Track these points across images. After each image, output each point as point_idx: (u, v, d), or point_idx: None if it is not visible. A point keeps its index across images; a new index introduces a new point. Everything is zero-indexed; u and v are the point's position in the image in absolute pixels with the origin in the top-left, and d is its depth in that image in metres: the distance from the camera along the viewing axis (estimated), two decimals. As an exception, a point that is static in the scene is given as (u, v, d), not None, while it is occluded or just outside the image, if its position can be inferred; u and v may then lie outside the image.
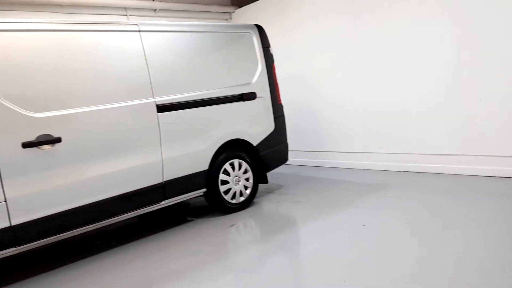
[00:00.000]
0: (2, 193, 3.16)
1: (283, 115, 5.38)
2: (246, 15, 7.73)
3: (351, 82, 6.23)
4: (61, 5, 5.77)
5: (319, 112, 6.78)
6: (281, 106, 5.35)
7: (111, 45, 3.86)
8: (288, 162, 7.04)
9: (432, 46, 5.24)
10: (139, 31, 4.08)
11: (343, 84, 6.34)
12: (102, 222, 3.78)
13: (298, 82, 7.00)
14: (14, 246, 3.27)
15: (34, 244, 3.41)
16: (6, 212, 3.18)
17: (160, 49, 4.19)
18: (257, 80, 5.03)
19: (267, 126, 5.11)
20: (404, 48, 5.52)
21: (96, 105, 3.69)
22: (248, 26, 5.13)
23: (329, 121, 6.66)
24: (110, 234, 4.55)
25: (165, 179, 4.12)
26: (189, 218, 4.79)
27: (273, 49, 7.16)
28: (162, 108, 4.10)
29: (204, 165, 4.45)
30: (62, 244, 4.38)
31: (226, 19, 7.98)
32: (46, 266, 3.76)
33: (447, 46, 5.10)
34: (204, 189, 4.53)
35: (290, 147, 7.02)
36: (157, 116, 4.06)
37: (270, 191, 5.57)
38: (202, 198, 4.94)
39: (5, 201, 3.17)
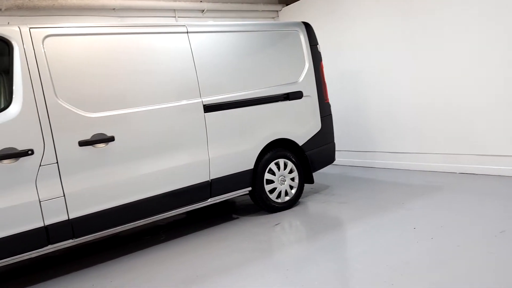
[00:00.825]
0: (61, 188, 3.36)
1: (330, 114, 5.28)
2: (293, 13, 7.69)
3: (403, 80, 6.00)
4: (114, 9, 6.05)
5: (368, 111, 6.60)
6: (328, 105, 5.26)
7: (160, 47, 3.99)
8: (335, 162, 6.92)
9: (491, 40, 4.91)
10: (187, 32, 4.18)
11: (394, 83, 6.13)
12: (152, 218, 3.92)
13: (346, 80, 6.85)
14: (71, 238, 3.47)
15: (90, 237, 3.60)
16: (65, 206, 3.39)
17: (207, 50, 4.27)
18: (304, 79, 4.98)
19: (314, 126, 5.05)
20: (460, 43, 5.23)
21: (147, 106, 3.83)
22: (295, 24, 5.09)
23: (378, 121, 6.46)
24: (159, 229, 4.71)
25: (211, 177, 4.19)
26: (234, 216, 4.85)
27: (321, 47, 7.06)
28: (208, 108, 4.18)
29: (249, 164, 4.48)
30: (114, 238, 4.60)
31: (273, 18, 7.98)
32: (99, 258, 3.96)
33: (505, 40, 4.77)
34: (250, 188, 4.56)
35: (337, 147, 6.89)
36: (204, 116, 4.15)
37: (316, 191, 5.50)
38: (248, 197, 4.99)
39: (64, 196, 3.38)
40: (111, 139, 3.59)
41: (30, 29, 3.38)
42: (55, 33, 3.48)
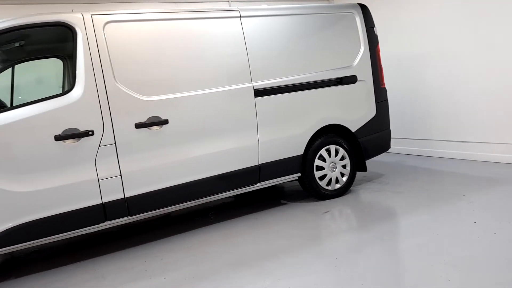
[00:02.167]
0: (118, 168, 3.53)
1: (386, 100, 5.07)
2: (349, -5, 7.40)
3: (467, 65, 5.60)
4: (169, -6, 6.17)
5: (427, 98, 6.25)
6: (384, 90, 5.05)
7: (213, 31, 4.01)
8: (390, 150, 6.65)
9: None
10: (240, 16, 4.16)
11: (457, 68, 5.73)
12: (202, 199, 4.01)
13: (405, 64, 6.53)
14: (126, 216, 3.65)
15: (143, 216, 3.76)
16: (121, 185, 3.56)
17: (260, 34, 4.23)
18: (359, 63, 4.80)
19: (368, 112, 4.87)
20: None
21: (199, 90, 3.89)
22: (351, 6, 4.90)
23: (438, 107, 6.10)
24: (209, 210, 4.82)
25: (260, 162, 4.20)
26: (283, 202, 4.84)
27: (379, 30, 6.76)
28: (259, 92, 4.16)
29: (299, 150, 4.43)
30: (166, 218, 4.77)
31: (328, 0, 7.74)
32: (152, 236, 4.14)
33: None
34: (299, 174, 4.51)
35: (393, 134, 6.61)
36: (255, 100, 4.14)
37: (369, 180, 5.34)
38: (297, 183, 4.95)
39: (120, 175, 3.54)
40: (165, 122, 3.69)
41: (92, 16, 3.53)
42: (115, 20, 3.61)
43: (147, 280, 3.15)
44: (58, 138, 3.29)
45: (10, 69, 4.12)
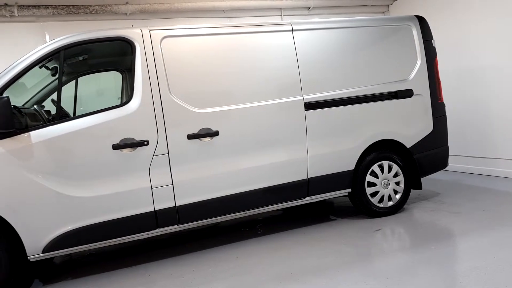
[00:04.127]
0: (170, 177, 3.64)
1: (444, 115, 4.83)
2: (405, 7, 7.21)
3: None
4: (223, 10, 6.37)
5: (490, 113, 5.88)
6: (442, 105, 4.82)
7: (265, 45, 4.06)
8: (447, 168, 6.32)
9: None
10: (292, 30, 4.18)
11: (524, 80, 5.35)
12: (250, 211, 4.02)
13: (465, 78, 6.20)
14: (177, 224, 3.74)
15: (192, 224, 3.84)
16: (173, 194, 3.66)
17: (312, 47, 4.22)
18: (415, 76, 4.63)
19: (424, 127, 4.67)
20: None
21: (250, 103, 3.93)
22: (407, 18, 4.76)
23: (503, 123, 5.71)
24: (256, 222, 4.82)
25: (309, 176, 4.15)
26: (332, 217, 4.73)
27: (437, 42, 6.50)
28: (310, 105, 4.13)
29: (350, 165, 4.32)
30: (214, 227, 4.83)
31: (383, 12, 7.59)
32: (200, 245, 4.20)
33: None
34: (349, 190, 4.40)
35: (451, 151, 6.28)
36: (305, 113, 4.11)
37: (424, 198, 5.09)
38: (347, 198, 4.82)
39: (172, 184, 3.65)
40: (216, 133, 3.76)
41: (150, 31, 3.71)
42: (171, 34, 3.77)
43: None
44: (115, 147, 3.47)
45: (74, 81, 4.42)
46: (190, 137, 3.69)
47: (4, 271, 3.23)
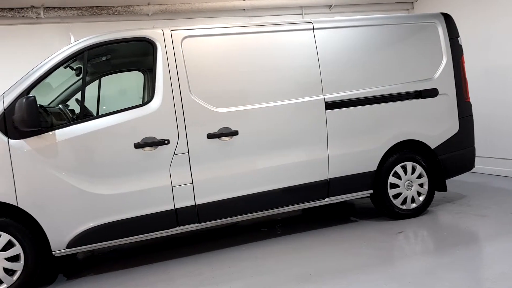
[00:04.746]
0: (190, 176, 3.66)
1: (471, 115, 4.70)
2: (430, 4, 7.04)
3: None
4: (244, 9, 6.38)
5: (519, 113, 5.68)
6: (469, 105, 4.68)
7: (286, 44, 4.03)
8: (474, 170, 6.12)
9: None
10: (313, 28, 4.14)
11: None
12: (269, 211, 4.00)
13: (493, 77, 6.01)
14: (196, 222, 3.76)
15: (212, 223, 3.85)
16: (192, 193, 3.68)
17: (333, 46, 4.17)
18: (440, 75, 4.51)
19: (450, 127, 4.54)
20: None
21: (270, 102, 3.91)
22: (433, 16, 4.64)
23: (533, 124, 5.50)
24: (276, 223, 4.80)
25: (330, 176, 4.10)
26: (353, 219, 4.66)
27: (464, 40, 6.33)
28: (330, 105, 4.08)
29: (372, 166, 4.25)
30: (233, 227, 4.84)
31: (407, 10, 7.43)
32: (220, 244, 4.21)
33: None
34: (371, 191, 4.32)
35: (477, 152, 6.09)
36: (325, 113, 4.06)
37: (448, 201, 4.96)
38: (368, 200, 4.75)
39: (192, 183, 3.67)
40: (236, 133, 3.76)
41: (171, 31, 3.75)
42: (192, 34, 3.79)
43: (214, 286, 3.21)
44: (137, 145, 3.51)
45: (97, 81, 4.51)
46: (210, 136, 3.71)
47: (30, 266, 3.32)
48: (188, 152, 3.66)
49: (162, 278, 3.49)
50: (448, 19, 4.66)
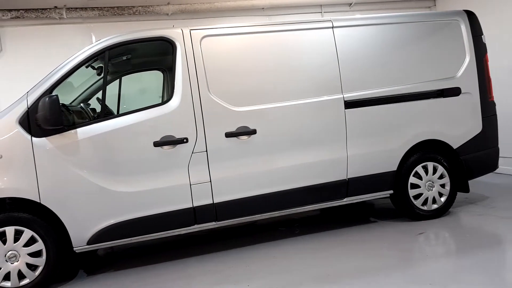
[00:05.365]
0: (208, 174, 3.68)
1: (494, 115, 4.59)
2: (452, 1, 6.88)
3: None
4: (263, 8, 6.37)
5: (546, 112, 5.50)
6: (492, 104, 4.58)
7: (305, 42, 4.01)
8: (497, 170, 5.96)
9: None
10: (333, 27, 4.10)
11: None
12: (287, 210, 3.99)
13: (518, 75, 5.84)
14: (214, 221, 3.77)
15: (229, 222, 3.86)
16: (210, 191, 3.69)
17: (352, 44, 4.12)
18: (463, 74, 4.41)
19: (473, 127, 4.44)
20: None
21: (288, 101, 3.89)
22: (455, 13, 4.54)
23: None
24: (294, 222, 4.77)
25: (349, 176, 4.05)
26: (372, 219, 4.60)
27: (488, 38, 6.17)
28: (350, 104, 4.03)
29: (392, 166, 4.18)
30: (251, 226, 4.83)
31: (429, 7, 7.29)
32: (238, 243, 4.21)
33: None
34: (391, 191, 4.26)
35: (501, 153, 5.93)
36: (345, 112, 4.02)
37: (471, 202, 4.85)
38: (388, 200, 4.69)
39: (210, 181, 3.68)
40: (254, 132, 3.76)
41: (191, 30, 3.76)
42: (211, 34, 3.80)
43: (232, 285, 3.21)
44: (156, 144, 3.55)
45: (117, 80, 4.57)
46: (228, 135, 3.71)
47: (52, 261, 3.39)
48: (206, 151, 3.67)
49: (181, 275, 3.52)
50: (471, 17, 4.56)
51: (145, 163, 3.54)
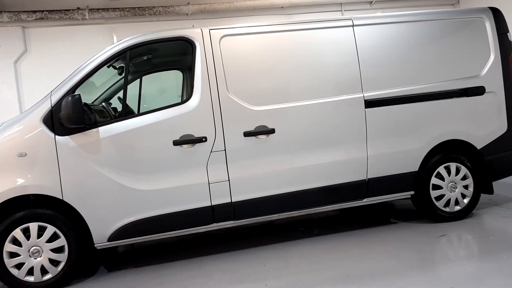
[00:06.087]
0: (227, 173, 3.69)
1: (521, 114, 4.45)
2: (478, -2, 6.73)
3: None
4: (282, 7, 6.36)
5: None
6: (518, 103, 4.44)
7: (325, 41, 3.97)
8: (524, 172, 5.81)
9: None
10: (353, 25, 4.06)
11: None
12: (305, 210, 3.97)
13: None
14: (232, 220, 3.78)
15: (247, 221, 3.86)
16: (229, 190, 3.71)
17: (373, 42, 4.07)
18: (488, 72, 4.30)
19: (498, 127, 4.32)
20: None
21: (307, 100, 3.87)
22: (479, 10, 4.43)
23: None
24: (312, 222, 4.74)
25: (369, 176, 4.00)
26: (392, 220, 4.53)
27: (513, 36, 6.00)
28: (370, 103, 3.98)
29: (413, 166, 4.11)
30: (269, 225, 4.83)
31: (452, 4, 7.14)
32: (255, 242, 4.21)
33: None
34: (412, 192, 4.18)
35: (528, 154, 5.76)
36: (365, 111, 3.97)
37: (495, 204, 4.72)
38: (409, 201, 4.61)
39: (228, 180, 3.70)
40: (272, 131, 3.75)
41: (210, 30, 3.78)
42: (230, 33, 3.81)
43: (249, 284, 3.22)
44: (176, 143, 3.58)
45: (138, 80, 4.63)
46: (247, 134, 3.71)
47: (73, 257, 3.46)
48: (225, 150, 3.68)
49: (199, 273, 3.54)
50: (496, 14, 4.43)
51: (164, 162, 3.58)
